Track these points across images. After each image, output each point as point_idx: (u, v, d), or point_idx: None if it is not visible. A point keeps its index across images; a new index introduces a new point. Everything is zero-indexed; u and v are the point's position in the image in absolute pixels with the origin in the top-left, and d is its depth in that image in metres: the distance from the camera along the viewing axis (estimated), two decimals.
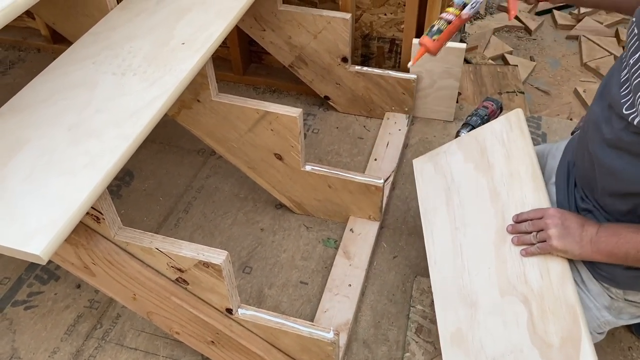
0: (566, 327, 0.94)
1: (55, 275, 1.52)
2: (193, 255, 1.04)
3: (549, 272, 1.00)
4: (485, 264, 1.09)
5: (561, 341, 0.94)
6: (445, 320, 1.11)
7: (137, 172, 1.80)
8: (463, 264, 1.13)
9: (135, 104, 1.09)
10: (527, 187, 1.11)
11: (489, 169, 1.18)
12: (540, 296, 0.99)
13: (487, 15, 2.89)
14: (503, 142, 1.19)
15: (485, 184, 1.17)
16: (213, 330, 1.17)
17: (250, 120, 1.39)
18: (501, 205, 1.13)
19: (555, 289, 0.98)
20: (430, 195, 1.28)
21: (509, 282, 1.04)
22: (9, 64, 2.23)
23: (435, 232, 1.22)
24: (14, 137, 1.01)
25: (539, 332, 0.97)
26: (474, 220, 1.16)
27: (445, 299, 1.13)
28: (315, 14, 1.71)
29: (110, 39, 1.26)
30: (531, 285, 1.01)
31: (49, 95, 1.11)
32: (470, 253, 1.13)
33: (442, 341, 1.10)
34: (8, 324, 1.41)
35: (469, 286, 1.10)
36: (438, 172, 1.29)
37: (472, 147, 1.25)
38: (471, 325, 1.06)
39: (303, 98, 2.06)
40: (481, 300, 1.07)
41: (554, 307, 0.97)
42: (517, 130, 1.19)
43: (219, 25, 1.30)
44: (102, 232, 1.08)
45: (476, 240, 1.14)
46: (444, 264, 1.17)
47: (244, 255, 1.56)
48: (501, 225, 1.10)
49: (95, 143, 1.00)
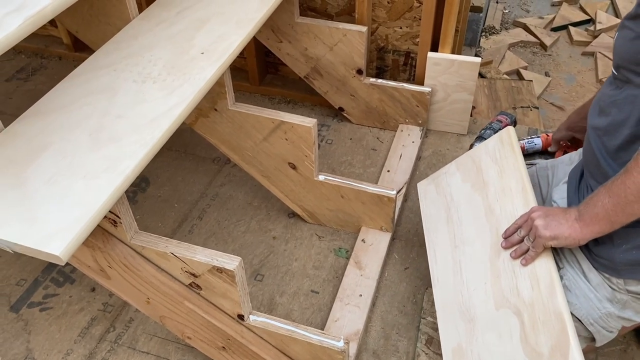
0: (555, 335, 0.96)
1: (70, 278, 1.55)
2: (207, 261, 1.06)
3: (539, 283, 1.03)
4: (482, 279, 1.12)
5: (551, 350, 0.96)
6: (447, 335, 1.14)
7: (153, 178, 1.83)
8: (462, 280, 1.17)
9: (154, 111, 1.11)
10: (518, 201, 1.14)
11: (484, 187, 1.23)
12: (531, 306, 1.02)
13: (502, 30, 2.90)
14: (496, 159, 1.24)
15: (480, 201, 1.21)
16: (224, 336, 1.19)
17: (265, 129, 1.42)
18: (495, 220, 1.16)
19: (545, 298, 1.01)
20: (432, 215, 1.33)
21: (503, 295, 1.07)
22: (31, 71, 2.29)
23: (437, 250, 1.27)
24: (37, 141, 1.04)
25: (531, 342, 0.99)
26: (472, 238, 1.20)
27: (446, 314, 1.16)
28: (332, 27, 1.73)
29: (132, 47, 1.29)
30: (523, 297, 1.04)
31: (71, 101, 1.14)
32: (469, 269, 1.17)
33: (444, 356, 1.13)
34: (23, 325, 1.44)
35: (467, 301, 1.13)
36: (439, 193, 1.34)
37: (469, 167, 1.30)
38: (470, 340, 1.09)
39: (318, 109, 2.08)
40: (478, 315, 1.10)
41: (543, 317, 0.99)
42: (509, 147, 1.23)
43: (238, 36, 1.33)
44: (118, 236, 1.10)
45: (474, 257, 1.17)
46: (445, 281, 1.21)
47: (256, 263, 1.57)
48: (495, 240, 1.14)
49: (115, 148, 1.03)
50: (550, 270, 1.03)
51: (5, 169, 0.99)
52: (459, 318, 1.13)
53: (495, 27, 2.88)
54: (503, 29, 2.89)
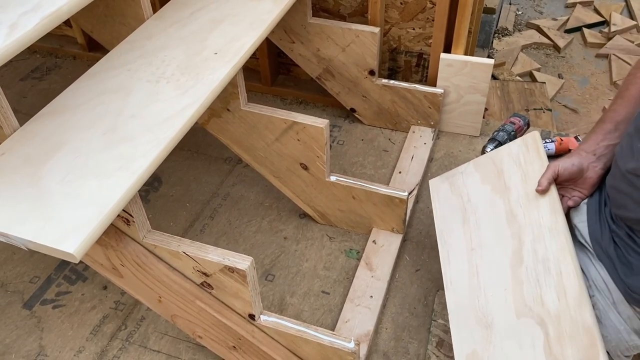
0: (583, 349, 0.93)
1: (83, 276, 1.56)
2: (219, 260, 1.06)
3: (566, 294, 0.99)
4: (501, 285, 1.08)
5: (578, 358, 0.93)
6: (461, 341, 1.10)
7: (165, 178, 1.84)
8: (479, 284, 1.13)
9: (168, 111, 1.12)
10: (544, 209, 1.10)
11: (506, 191, 1.19)
12: (557, 318, 0.98)
13: (515, 31, 2.88)
14: (520, 164, 1.20)
15: (502, 205, 1.18)
16: (235, 336, 1.19)
17: (277, 129, 1.42)
18: (518, 227, 1.12)
19: (573, 311, 0.97)
20: (446, 215, 1.29)
21: (525, 303, 1.03)
22: (45, 70, 2.31)
23: (451, 252, 1.22)
24: (52, 140, 1.05)
25: (556, 354, 0.95)
26: (491, 242, 1.16)
27: (460, 319, 1.12)
28: (344, 28, 1.73)
29: (146, 47, 1.30)
30: (548, 307, 1.00)
31: (85, 100, 1.15)
32: (486, 274, 1.13)
33: None
34: (36, 322, 1.45)
35: (484, 307, 1.09)
36: (454, 192, 1.30)
37: (489, 169, 1.25)
38: (487, 348, 1.05)
39: (329, 110, 2.08)
40: (497, 322, 1.06)
41: (570, 330, 0.95)
42: (534, 152, 1.19)
43: (251, 36, 1.33)
44: (131, 235, 1.11)
45: (492, 262, 1.13)
46: (460, 285, 1.17)
47: (267, 263, 1.57)
48: (518, 247, 1.10)
49: (128, 147, 1.04)
50: (579, 282, 0.99)
51: (21, 167, 1.00)
52: (474, 323, 1.09)
53: (508, 28, 2.86)
54: (516, 31, 2.87)
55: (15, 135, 1.06)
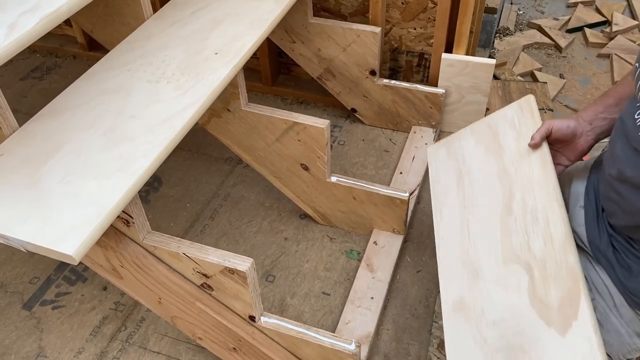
0: (566, 290, 0.95)
1: (82, 276, 1.55)
2: (219, 262, 1.05)
3: (552, 240, 1.02)
4: (491, 236, 1.11)
5: (560, 302, 0.95)
6: (449, 289, 1.12)
7: (165, 178, 1.83)
8: (469, 237, 1.15)
9: (168, 111, 1.11)
10: (535, 163, 1.12)
11: (499, 151, 1.22)
12: (542, 262, 1.01)
13: (516, 31, 2.88)
14: (514, 126, 1.22)
15: (494, 164, 1.21)
16: (235, 337, 1.18)
17: (278, 130, 1.41)
18: (509, 181, 1.15)
19: (558, 255, 1.00)
20: (441, 177, 1.31)
21: (512, 251, 1.06)
22: (45, 70, 2.30)
23: (444, 210, 1.25)
24: (52, 140, 1.05)
25: (540, 295, 0.98)
26: (482, 198, 1.19)
27: (449, 269, 1.14)
28: (345, 27, 1.72)
29: (146, 47, 1.29)
30: (534, 253, 1.02)
31: (85, 100, 1.14)
32: (477, 227, 1.16)
33: (444, 310, 1.10)
34: (36, 323, 1.44)
35: (473, 257, 1.11)
36: (451, 156, 1.32)
37: (485, 133, 1.28)
38: (473, 294, 1.07)
39: (330, 110, 2.07)
40: (485, 269, 1.08)
41: (555, 273, 0.98)
42: (529, 114, 1.21)
43: (252, 36, 1.32)
44: (131, 236, 1.10)
45: (483, 216, 1.16)
46: (451, 239, 1.18)
47: (268, 264, 1.57)
48: (508, 199, 1.12)
49: (128, 148, 1.03)
50: (566, 229, 1.01)
51: (20, 168, 0.99)
52: (462, 273, 1.11)
53: (510, 28, 2.85)
54: (517, 31, 2.86)
55: (14, 136, 1.06)
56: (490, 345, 0.99)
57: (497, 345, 0.98)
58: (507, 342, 0.97)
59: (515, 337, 0.96)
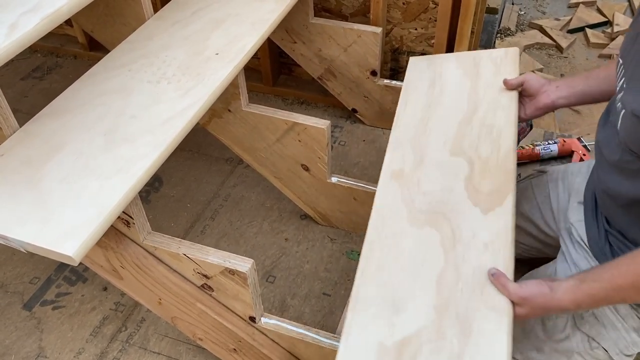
0: (498, 183, 1.08)
1: (83, 277, 1.55)
2: (219, 262, 1.05)
3: (499, 149, 1.15)
4: (446, 133, 1.22)
5: (490, 191, 1.07)
6: (392, 160, 1.21)
7: (166, 178, 1.83)
8: (425, 128, 1.25)
9: (168, 112, 1.11)
10: (505, 96, 1.26)
11: (476, 77, 1.34)
12: (485, 162, 1.13)
13: (517, 32, 2.87)
14: (496, 63, 1.36)
15: (468, 84, 1.33)
16: (236, 338, 1.18)
17: (279, 130, 1.41)
18: (476, 99, 1.28)
19: (500, 160, 1.13)
20: (416, 81, 1.40)
21: (461, 148, 1.18)
22: (46, 70, 2.30)
23: (409, 102, 1.33)
24: (52, 141, 1.05)
25: (474, 182, 1.10)
26: (449, 104, 1.30)
27: (397, 145, 1.23)
28: (346, 28, 1.72)
29: (146, 47, 1.29)
30: (480, 154, 1.15)
31: (86, 100, 1.14)
32: (436, 124, 1.26)
33: (382, 177, 1.17)
34: (36, 323, 1.44)
35: (423, 144, 1.21)
36: (430, 68, 1.42)
37: (467, 60, 1.41)
38: (414, 168, 1.17)
39: (331, 110, 2.07)
40: (431, 154, 1.18)
41: (493, 170, 1.11)
42: (511, 60, 1.35)
43: (253, 36, 1.32)
44: (131, 237, 1.10)
45: (444, 116, 1.27)
46: (408, 126, 1.27)
47: (268, 265, 1.57)
48: (471, 113, 1.24)
49: (129, 149, 1.03)
50: (513, 145, 1.15)
51: (21, 168, 0.99)
52: (410, 151, 1.20)
53: (511, 28, 2.85)
54: (518, 31, 2.86)
55: (15, 136, 1.06)
56: (416, 207, 1.08)
57: (423, 208, 1.07)
58: (433, 208, 1.07)
59: (441, 206, 1.07)
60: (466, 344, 0.89)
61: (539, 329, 1.09)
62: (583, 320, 1.04)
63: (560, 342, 1.06)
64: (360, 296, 0.99)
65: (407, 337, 0.91)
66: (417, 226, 1.05)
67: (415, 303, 0.95)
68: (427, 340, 0.90)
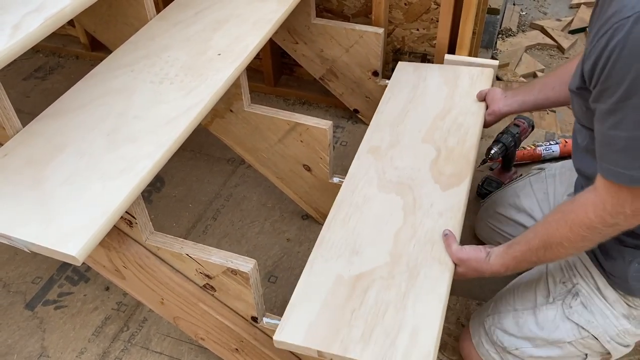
0: (459, 169, 1.31)
1: (85, 277, 1.55)
2: (222, 262, 1.05)
3: (464, 143, 1.38)
4: (421, 124, 1.45)
5: (451, 174, 1.30)
6: (371, 138, 1.42)
7: (168, 178, 1.84)
8: (404, 119, 1.47)
9: (171, 112, 1.11)
10: (475, 104, 1.50)
11: (454, 86, 1.58)
12: (450, 150, 1.36)
13: (519, 32, 2.87)
14: (472, 78, 1.61)
15: (446, 90, 1.56)
16: (238, 338, 1.18)
17: (280, 131, 1.41)
18: (451, 104, 1.51)
19: (464, 151, 1.35)
20: (401, 81, 1.62)
21: (432, 138, 1.40)
22: (48, 70, 2.30)
23: (392, 97, 1.55)
24: (55, 141, 1.05)
25: (439, 166, 1.32)
26: (427, 104, 1.52)
27: (378, 127, 1.46)
28: (348, 28, 1.72)
29: (149, 48, 1.29)
30: (447, 144, 1.38)
31: (89, 100, 1.14)
32: (413, 117, 1.48)
33: (359, 151, 1.39)
34: (38, 323, 1.45)
35: (401, 130, 1.44)
36: (415, 74, 1.65)
37: (449, 72, 1.64)
38: (390, 147, 1.38)
39: (332, 110, 2.07)
40: (406, 139, 1.41)
41: (456, 158, 1.34)
42: (486, 77, 1.61)
43: (255, 37, 1.32)
44: (134, 237, 1.10)
45: (421, 112, 1.50)
46: (388, 115, 1.49)
47: (270, 265, 1.57)
48: (444, 112, 1.48)
49: (132, 149, 1.03)
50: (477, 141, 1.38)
51: (24, 168, 0.99)
52: (387, 133, 1.43)
53: (512, 29, 2.85)
54: (520, 31, 2.86)
55: (18, 136, 1.06)
56: (387, 178, 1.30)
57: (393, 180, 1.30)
58: (401, 180, 1.29)
59: (407, 180, 1.29)
60: (413, 286, 1.07)
61: (532, 323, 1.11)
62: (572, 309, 1.06)
63: (552, 333, 1.09)
64: (325, 239, 1.18)
65: (362, 273, 1.10)
66: (385, 192, 1.27)
67: (374, 249, 1.14)
68: (380, 278, 1.09)
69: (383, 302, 1.04)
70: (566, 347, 1.09)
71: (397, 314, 1.02)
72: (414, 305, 1.04)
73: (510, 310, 1.16)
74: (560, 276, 1.10)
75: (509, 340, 1.14)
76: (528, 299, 1.14)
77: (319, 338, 1.00)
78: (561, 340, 1.08)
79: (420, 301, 1.04)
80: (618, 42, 0.75)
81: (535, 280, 1.16)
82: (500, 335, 1.16)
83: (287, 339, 1.01)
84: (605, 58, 0.77)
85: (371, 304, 1.04)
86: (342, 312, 1.04)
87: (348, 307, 1.04)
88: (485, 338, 1.19)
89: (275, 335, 1.02)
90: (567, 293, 1.08)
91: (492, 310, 1.20)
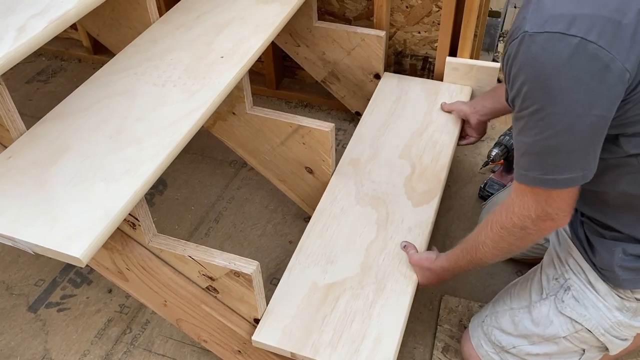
0: (431, 187, 1.41)
1: (87, 279, 1.56)
2: (224, 264, 1.06)
3: (438, 161, 1.48)
4: (399, 140, 1.54)
5: (422, 192, 1.40)
6: (353, 150, 1.52)
7: (170, 181, 1.84)
8: (384, 133, 1.57)
9: (174, 114, 1.12)
10: (451, 121, 1.61)
11: (433, 102, 1.68)
12: (424, 168, 1.46)
13: None
14: (452, 96, 1.71)
15: (426, 106, 1.67)
16: (240, 340, 1.19)
17: (283, 133, 1.42)
18: (429, 120, 1.61)
19: (436, 169, 1.45)
20: (385, 92, 1.73)
21: (409, 155, 1.50)
22: (51, 73, 2.31)
23: (376, 109, 1.66)
24: (59, 143, 1.05)
25: (412, 183, 1.42)
26: (407, 118, 1.62)
27: (359, 139, 1.55)
28: (350, 31, 1.73)
29: (152, 50, 1.30)
30: (422, 161, 1.48)
31: (92, 103, 1.15)
32: (393, 131, 1.58)
33: (341, 161, 1.48)
34: (41, 325, 1.45)
35: (380, 145, 1.53)
36: (399, 86, 1.75)
37: (430, 87, 1.75)
38: (369, 160, 1.49)
39: (334, 113, 2.07)
40: (385, 153, 1.50)
41: (429, 176, 1.44)
42: (464, 95, 1.71)
43: (257, 40, 1.33)
44: (137, 238, 1.10)
45: (400, 128, 1.59)
46: (370, 126, 1.60)
47: (272, 267, 1.57)
48: (422, 129, 1.58)
49: (135, 151, 1.03)
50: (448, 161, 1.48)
51: (28, 170, 1.00)
52: (367, 147, 1.52)
53: None
54: None
55: (22, 139, 1.06)
56: (364, 191, 1.40)
57: (369, 193, 1.39)
58: (376, 194, 1.39)
59: (382, 195, 1.39)
60: (379, 296, 1.17)
61: (527, 320, 1.12)
62: (564, 303, 1.07)
63: (546, 329, 1.10)
64: (304, 247, 1.27)
65: (335, 282, 1.20)
66: (361, 205, 1.37)
67: (347, 260, 1.24)
68: (350, 288, 1.19)
69: (352, 311, 1.15)
70: (562, 343, 1.09)
71: (363, 323, 1.13)
72: (379, 314, 1.14)
73: (506, 310, 1.17)
74: (553, 273, 1.12)
75: (507, 339, 1.15)
76: (523, 298, 1.16)
77: (292, 340, 1.09)
78: (556, 336, 1.09)
79: (385, 312, 1.14)
80: (511, 60, 0.83)
81: (530, 279, 1.18)
82: (498, 335, 1.17)
83: (264, 340, 1.10)
84: (507, 73, 0.86)
85: (341, 311, 1.14)
86: (315, 317, 1.13)
87: (320, 313, 1.14)
88: (484, 339, 1.20)
89: (253, 335, 1.11)
90: (559, 288, 1.10)
91: (490, 311, 1.22)
